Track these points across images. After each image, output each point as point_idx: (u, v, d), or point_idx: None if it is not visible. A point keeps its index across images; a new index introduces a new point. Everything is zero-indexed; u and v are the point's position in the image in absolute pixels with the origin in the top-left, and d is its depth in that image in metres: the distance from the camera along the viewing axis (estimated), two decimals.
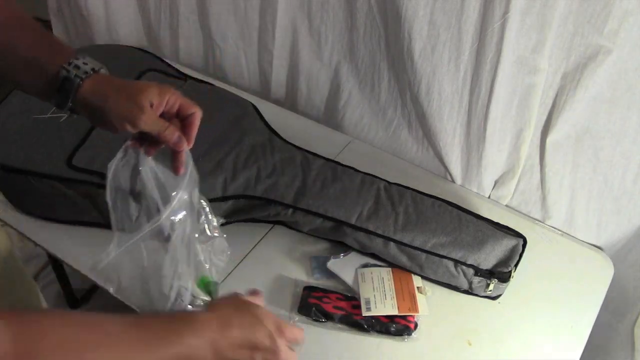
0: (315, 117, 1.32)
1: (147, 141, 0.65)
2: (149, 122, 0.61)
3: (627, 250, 1.06)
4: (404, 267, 0.97)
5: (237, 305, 0.60)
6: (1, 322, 0.44)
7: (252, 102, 1.17)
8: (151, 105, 0.62)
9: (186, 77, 1.21)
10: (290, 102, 1.36)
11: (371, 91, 1.19)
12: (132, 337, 0.51)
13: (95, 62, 0.65)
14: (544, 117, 1.00)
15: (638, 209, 1.00)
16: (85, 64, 0.63)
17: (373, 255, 0.98)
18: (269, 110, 1.17)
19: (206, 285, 0.70)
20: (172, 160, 0.65)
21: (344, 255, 0.97)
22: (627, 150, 0.95)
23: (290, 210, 0.97)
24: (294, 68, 1.29)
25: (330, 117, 1.30)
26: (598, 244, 1.08)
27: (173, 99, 0.64)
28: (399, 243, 0.94)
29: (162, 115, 0.64)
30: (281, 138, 1.09)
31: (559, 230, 1.10)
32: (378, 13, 1.08)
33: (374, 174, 1.05)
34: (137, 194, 0.63)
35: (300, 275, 0.97)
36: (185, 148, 0.65)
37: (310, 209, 0.97)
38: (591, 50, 0.89)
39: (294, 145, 1.08)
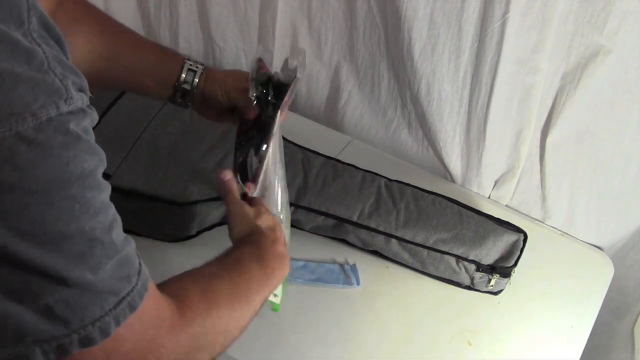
0: (315, 117, 1.32)
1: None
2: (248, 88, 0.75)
3: (627, 250, 1.06)
4: (406, 263, 0.97)
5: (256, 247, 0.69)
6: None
7: None
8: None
9: None
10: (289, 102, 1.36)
11: (371, 91, 1.19)
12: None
13: (196, 59, 0.78)
14: (544, 117, 1.00)
15: (638, 209, 1.00)
16: (195, 61, 0.77)
17: (375, 252, 0.98)
18: None
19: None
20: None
21: None
22: (627, 150, 0.95)
23: (292, 209, 0.97)
24: None
25: (330, 117, 1.29)
26: (598, 244, 1.08)
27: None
28: (400, 240, 0.94)
29: None
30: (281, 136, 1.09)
31: (559, 230, 1.10)
32: (378, 13, 1.08)
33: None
34: None
35: None
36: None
37: (312, 207, 0.97)
38: (591, 50, 0.89)
39: (294, 144, 1.08)
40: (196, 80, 0.77)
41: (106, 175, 0.80)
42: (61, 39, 0.42)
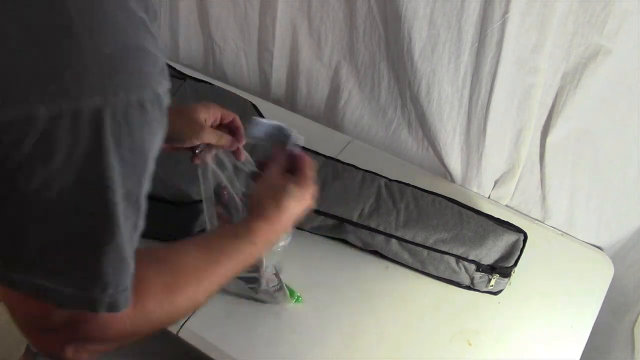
0: (315, 117, 1.32)
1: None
2: (209, 134, 0.76)
3: (627, 250, 1.06)
4: (406, 263, 0.97)
5: (276, 199, 0.67)
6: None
7: (252, 102, 1.17)
8: (205, 120, 0.76)
9: (185, 76, 1.21)
10: (290, 102, 1.36)
11: (371, 91, 1.19)
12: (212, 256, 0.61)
13: None
14: (544, 117, 1.00)
15: (638, 209, 1.00)
16: None
17: (375, 252, 0.98)
18: (269, 110, 1.17)
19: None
20: (233, 153, 0.82)
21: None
22: (627, 150, 0.95)
23: None
24: (294, 68, 1.29)
25: (330, 117, 1.30)
26: (598, 244, 1.08)
27: (217, 111, 0.78)
28: (400, 240, 0.94)
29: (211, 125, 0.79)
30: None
31: (559, 230, 1.10)
32: (378, 13, 1.08)
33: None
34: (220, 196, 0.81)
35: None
36: (240, 145, 0.80)
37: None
38: (591, 50, 0.89)
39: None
40: None
41: None
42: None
